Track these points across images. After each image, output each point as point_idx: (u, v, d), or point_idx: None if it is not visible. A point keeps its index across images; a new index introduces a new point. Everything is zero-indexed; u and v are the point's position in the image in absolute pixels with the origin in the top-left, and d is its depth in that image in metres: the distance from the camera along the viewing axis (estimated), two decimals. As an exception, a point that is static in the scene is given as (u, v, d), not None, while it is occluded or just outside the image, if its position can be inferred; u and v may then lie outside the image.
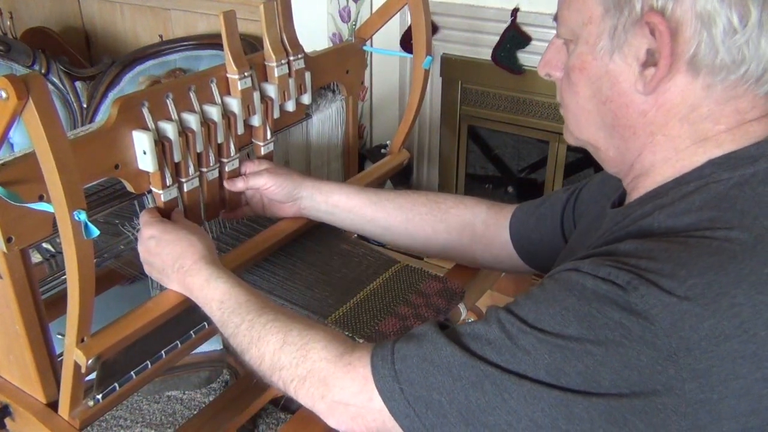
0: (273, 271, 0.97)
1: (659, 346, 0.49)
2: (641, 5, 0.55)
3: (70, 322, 0.69)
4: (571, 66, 0.63)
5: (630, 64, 0.58)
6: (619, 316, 0.50)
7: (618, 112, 0.61)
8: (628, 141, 0.62)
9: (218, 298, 0.75)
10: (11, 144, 1.72)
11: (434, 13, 1.38)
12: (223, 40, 0.84)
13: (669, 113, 0.58)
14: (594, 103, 0.62)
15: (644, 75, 0.57)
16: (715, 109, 0.57)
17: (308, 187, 0.96)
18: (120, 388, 0.81)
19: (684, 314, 0.49)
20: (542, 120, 1.73)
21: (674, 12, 0.54)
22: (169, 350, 0.87)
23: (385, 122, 2.01)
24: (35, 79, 0.56)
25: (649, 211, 0.59)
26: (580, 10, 0.60)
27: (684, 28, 0.54)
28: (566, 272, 0.56)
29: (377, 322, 0.91)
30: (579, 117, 0.65)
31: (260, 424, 1.75)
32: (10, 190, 0.64)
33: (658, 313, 0.49)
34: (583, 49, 0.61)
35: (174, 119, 0.80)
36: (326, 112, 1.09)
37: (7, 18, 2.35)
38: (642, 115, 0.59)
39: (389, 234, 0.98)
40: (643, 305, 0.50)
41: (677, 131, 0.59)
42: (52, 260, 0.94)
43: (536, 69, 0.70)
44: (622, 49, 0.58)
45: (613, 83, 0.60)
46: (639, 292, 0.50)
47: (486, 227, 0.95)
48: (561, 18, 0.63)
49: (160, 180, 0.80)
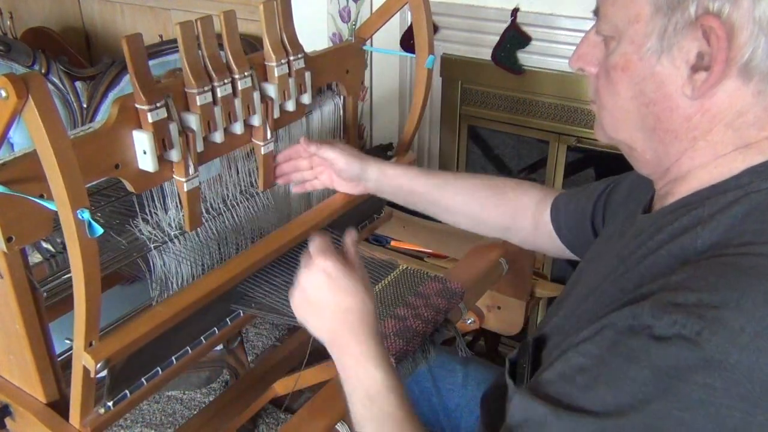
0: (271, 280, 0.97)
1: (745, 395, 0.47)
2: (696, 7, 0.53)
3: (78, 325, 0.69)
4: (612, 64, 0.60)
5: (678, 67, 0.56)
6: (702, 378, 0.47)
7: (661, 115, 0.58)
8: (668, 145, 0.60)
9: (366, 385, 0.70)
10: (11, 144, 1.72)
11: (434, 13, 1.38)
12: (224, 40, 0.84)
13: (714, 118, 0.56)
14: (635, 105, 0.60)
15: (694, 79, 0.55)
16: (762, 116, 0.55)
17: (374, 170, 1.01)
18: (131, 395, 0.81)
19: (760, 353, 0.47)
20: (542, 120, 1.73)
21: (731, 16, 0.52)
22: (180, 356, 0.87)
23: (385, 122, 2.01)
24: (35, 78, 0.56)
25: (688, 226, 0.56)
26: (627, 6, 0.57)
27: (740, 32, 0.52)
28: (623, 337, 0.51)
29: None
30: (617, 117, 0.63)
31: (260, 424, 1.75)
32: (12, 189, 0.64)
33: (737, 360, 0.47)
34: (628, 48, 0.58)
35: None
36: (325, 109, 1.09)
37: (7, 18, 2.35)
38: (687, 119, 0.57)
39: (449, 215, 1.02)
40: (720, 355, 0.47)
41: (720, 137, 0.57)
42: (52, 260, 0.94)
43: (536, 69, 0.70)
44: (671, 52, 0.55)
45: (659, 86, 0.57)
46: (713, 343, 0.47)
47: (538, 211, 0.97)
48: (603, 13, 0.61)
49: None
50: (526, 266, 1.27)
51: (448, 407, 1.07)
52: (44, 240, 0.94)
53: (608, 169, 0.73)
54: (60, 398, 0.80)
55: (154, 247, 0.85)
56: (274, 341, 2.04)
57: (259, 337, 2.05)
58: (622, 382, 0.50)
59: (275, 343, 2.04)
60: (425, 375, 1.08)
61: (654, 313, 0.50)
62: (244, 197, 0.98)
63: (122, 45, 0.71)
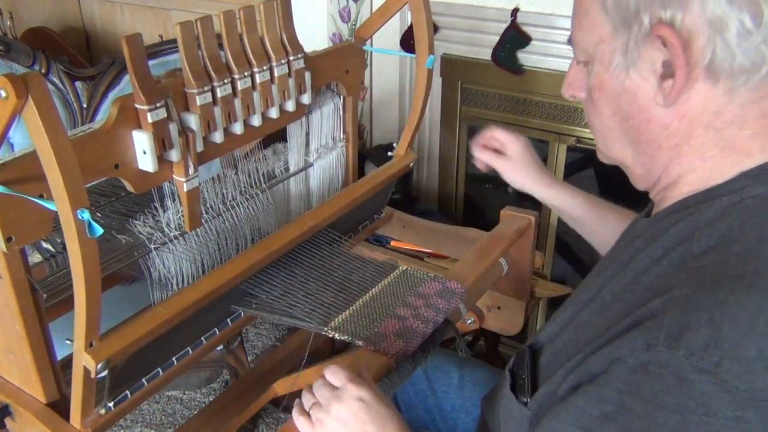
0: (271, 280, 0.97)
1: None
2: (649, 19, 0.54)
3: (78, 325, 0.69)
4: (591, 86, 0.63)
5: (647, 78, 0.57)
6: (732, 411, 0.47)
7: (640, 127, 0.60)
8: (654, 156, 0.61)
9: None
10: (11, 144, 1.72)
11: (434, 13, 1.38)
12: (223, 40, 0.84)
13: (692, 123, 0.57)
14: (616, 121, 0.62)
15: (663, 87, 0.56)
16: (740, 113, 0.56)
17: (538, 186, 1.06)
18: (132, 396, 0.81)
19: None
20: (542, 120, 1.73)
21: (684, 22, 0.53)
22: (181, 356, 0.87)
23: (385, 122, 2.01)
24: (34, 78, 0.56)
25: (687, 233, 0.56)
26: (590, 30, 0.60)
27: (696, 36, 0.53)
28: (641, 377, 0.50)
29: (377, 325, 0.91)
30: (605, 135, 0.65)
31: (260, 424, 1.75)
32: (12, 189, 0.64)
33: (763, 386, 0.47)
34: (599, 68, 0.60)
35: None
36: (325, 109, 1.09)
37: (7, 18, 2.36)
38: (665, 128, 0.58)
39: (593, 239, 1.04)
40: (744, 384, 0.47)
41: (702, 139, 0.58)
42: (52, 260, 0.94)
43: (536, 69, 0.71)
44: (637, 65, 0.57)
45: (632, 99, 0.59)
46: (734, 373, 0.47)
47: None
48: (574, 41, 0.63)
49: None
50: (526, 266, 1.27)
51: (444, 409, 1.07)
52: (44, 240, 0.94)
53: (608, 170, 0.74)
54: (60, 398, 0.80)
55: (154, 248, 0.85)
56: (274, 341, 2.04)
57: (259, 337, 2.05)
58: (653, 430, 0.49)
59: (275, 343, 2.04)
60: (421, 377, 1.08)
61: (669, 344, 0.48)
62: (244, 197, 0.98)
63: (122, 45, 0.71)
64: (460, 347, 1.02)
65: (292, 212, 1.11)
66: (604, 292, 0.62)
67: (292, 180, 1.09)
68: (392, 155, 1.23)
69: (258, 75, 0.87)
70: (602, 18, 0.58)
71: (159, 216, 0.87)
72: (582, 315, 0.65)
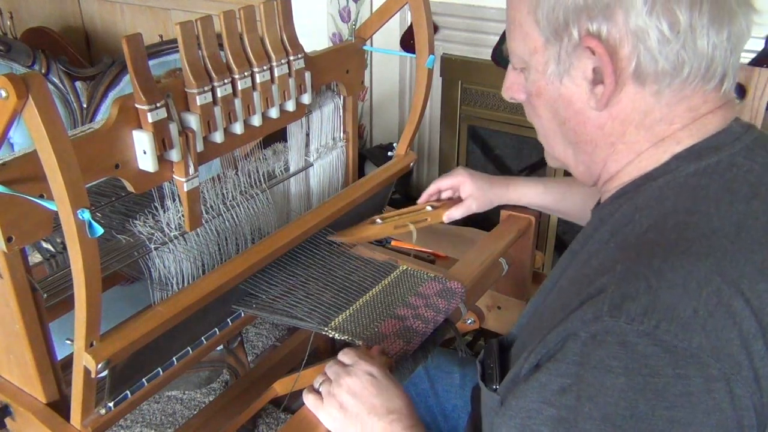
0: (271, 280, 0.97)
1: (718, 375, 0.49)
2: (578, 31, 0.58)
3: (78, 325, 0.69)
4: (528, 92, 0.67)
5: (579, 85, 0.61)
6: (672, 369, 0.49)
7: (577, 129, 0.64)
8: (592, 154, 0.65)
9: None
10: (11, 144, 1.72)
11: (434, 13, 1.38)
12: (223, 40, 0.84)
13: (624, 122, 0.61)
14: (555, 124, 0.67)
15: (595, 93, 0.60)
16: (668, 112, 0.60)
17: (504, 194, 1.13)
18: (132, 396, 0.81)
19: (718, 332, 0.49)
20: (542, 120, 1.73)
21: (610, 33, 0.57)
22: (181, 356, 0.87)
23: (385, 122, 2.01)
24: (34, 78, 0.56)
25: (628, 215, 0.60)
26: (524, 41, 0.64)
27: (622, 45, 0.57)
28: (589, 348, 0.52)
29: (377, 325, 0.91)
30: (547, 137, 0.70)
31: (260, 424, 1.75)
32: (12, 189, 0.64)
33: (700, 344, 0.49)
34: (535, 76, 0.65)
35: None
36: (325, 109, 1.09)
37: (7, 18, 2.36)
38: (600, 128, 0.63)
39: (574, 219, 1.09)
40: (682, 342, 0.49)
41: (635, 137, 0.62)
42: (52, 260, 0.94)
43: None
44: (570, 73, 0.61)
45: (568, 104, 0.63)
46: (672, 332, 0.49)
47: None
48: (511, 50, 0.68)
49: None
50: (526, 266, 1.27)
51: (445, 409, 1.07)
52: (44, 240, 0.94)
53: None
54: (60, 398, 0.80)
55: (154, 248, 0.85)
56: (274, 341, 2.04)
57: (259, 337, 2.05)
58: (602, 394, 0.51)
59: (275, 343, 2.04)
60: (422, 377, 1.08)
61: (612, 313, 0.51)
62: (244, 197, 0.98)
63: (122, 45, 0.71)
64: (460, 347, 1.02)
65: (292, 212, 1.11)
66: (562, 279, 0.66)
67: (292, 180, 1.09)
68: (392, 155, 1.23)
69: (258, 75, 0.87)
70: (535, 30, 0.62)
71: (159, 216, 0.87)
72: (544, 304, 0.69)
